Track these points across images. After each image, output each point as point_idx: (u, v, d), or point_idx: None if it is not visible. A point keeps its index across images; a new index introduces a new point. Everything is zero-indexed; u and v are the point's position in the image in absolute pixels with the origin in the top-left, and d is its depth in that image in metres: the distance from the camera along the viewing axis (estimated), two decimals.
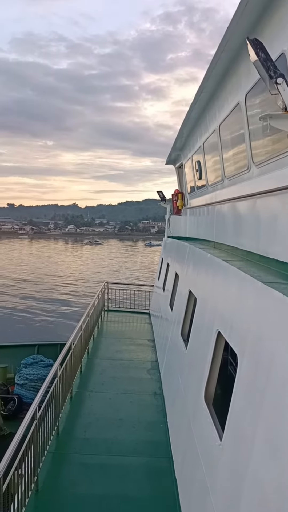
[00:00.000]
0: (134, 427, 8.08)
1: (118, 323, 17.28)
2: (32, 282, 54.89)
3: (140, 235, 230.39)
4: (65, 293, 46.64)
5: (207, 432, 4.84)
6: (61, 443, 7.43)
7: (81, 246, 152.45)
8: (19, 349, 16.31)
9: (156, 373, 10.93)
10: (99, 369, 11.24)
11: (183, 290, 9.37)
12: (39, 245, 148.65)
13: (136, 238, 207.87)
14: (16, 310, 37.57)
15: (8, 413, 12.60)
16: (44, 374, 13.23)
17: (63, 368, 8.26)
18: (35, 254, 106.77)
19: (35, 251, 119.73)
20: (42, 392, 6.82)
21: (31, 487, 5.90)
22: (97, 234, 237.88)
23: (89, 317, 12.72)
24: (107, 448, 7.29)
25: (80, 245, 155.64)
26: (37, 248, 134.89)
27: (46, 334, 27.64)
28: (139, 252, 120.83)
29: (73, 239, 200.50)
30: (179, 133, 11.62)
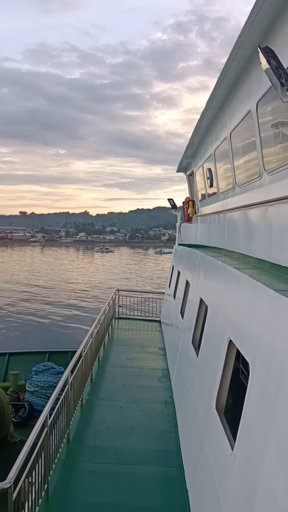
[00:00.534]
0: (145, 435, 8.02)
1: (128, 330, 17.24)
2: (43, 289, 55.16)
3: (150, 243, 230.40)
4: (76, 301, 46.76)
5: (218, 441, 4.79)
6: (72, 451, 7.41)
7: (92, 253, 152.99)
8: (30, 356, 16.36)
9: (167, 381, 10.86)
10: (110, 377, 11.21)
11: (194, 298, 9.33)
12: (51, 253, 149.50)
13: (147, 246, 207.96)
14: (28, 317, 37.76)
15: (19, 420, 12.62)
16: (55, 382, 13.24)
17: (74, 376, 8.26)
18: (46, 261, 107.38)
19: (47, 258, 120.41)
20: (53, 399, 6.81)
21: (41, 495, 5.88)
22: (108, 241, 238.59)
23: (100, 324, 12.72)
24: (118, 456, 7.25)
25: (91, 253, 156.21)
26: (48, 255, 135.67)
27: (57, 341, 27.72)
28: (149, 259, 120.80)
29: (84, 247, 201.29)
30: (190, 141, 11.65)
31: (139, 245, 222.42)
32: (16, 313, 39.53)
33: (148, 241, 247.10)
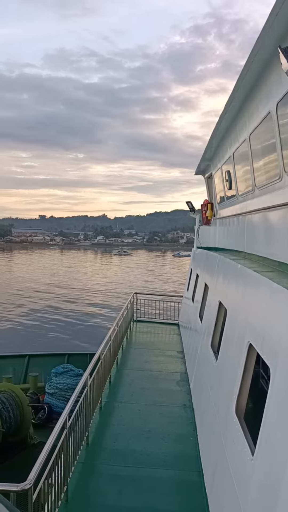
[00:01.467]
0: (164, 439, 7.99)
1: (147, 333, 17.23)
2: (61, 291, 55.61)
3: (168, 246, 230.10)
4: (94, 303, 47.00)
5: (238, 446, 4.73)
6: (91, 453, 7.43)
7: (110, 256, 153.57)
8: (49, 358, 16.51)
9: (185, 385, 10.81)
10: (128, 380, 11.21)
11: (213, 301, 9.28)
12: (69, 256, 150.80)
13: (165, 249, 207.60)
14: (47, 319, 38.11)
15: (39, 422, 12.75)
16: (73, 384, 13.33)
17: (93, 378, 8.29)
18: (65, 264, 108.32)
19: (65, 261, 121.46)
20: (72, 401, 6.85)
21: (61, 497, 5.91)
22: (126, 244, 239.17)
23: (118, 327, 12.74)
24: (136, 459, 7.24)
25: (109, 256, 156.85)
26: (67, 258, 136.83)
27: (75, 344, 27.91)
28: (167, 262, 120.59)
29: (102, 250, 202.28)
30: (209, 144, 11.60)
31: (157, 248, 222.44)
32: (36, 315, 39.94)
33: (166, 244, 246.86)
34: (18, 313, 40.61)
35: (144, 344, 15.57)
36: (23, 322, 36.92)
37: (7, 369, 15.63)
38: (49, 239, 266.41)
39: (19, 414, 11.37)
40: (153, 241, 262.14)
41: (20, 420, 11.40)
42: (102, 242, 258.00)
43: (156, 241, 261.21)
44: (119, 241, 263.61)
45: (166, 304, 19.60)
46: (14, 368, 15.86)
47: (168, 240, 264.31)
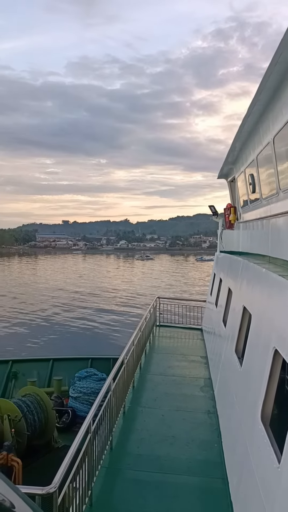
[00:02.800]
0: (188, 445, 7.92)
1: (170, 338, 17.16)
2: (85, 295, 56.04)
3: (191, 250, 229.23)
4: (117, 308, 47.16)
5: (264, 453, 4.65)
6: (115, 458, 7.43)
7: (132, 261, 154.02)
8: (73, 362, 16.63)
9: (209, 390, 10.70)
10: (152, 385, 11.18)
11: (237, 306, 9.17)
12: (92, 260, 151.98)
13: (187, 253, 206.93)
14: (71, 323, 38.44)
15: (63, 425, 12.83)
16: (97, 388, 13.38)
17: (116, 383, 8.30)
18: (88, 268, 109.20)
19: (88, 265, 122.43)
20: (96, 405, 6.87)
21: (85, 501, 5.92)
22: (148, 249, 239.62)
23: (141, 332, 12.73)
24: (160, 465, 7.20)
25: (131, 260, 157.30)
26: (90, 263, 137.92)
27: (98, 348, 28.03)
28: (190, 267, 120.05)
29: (124, 254, 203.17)
30: (231, 147, 11.52)
31: (179, 252, 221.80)
32: (59, 319, 40.36)
33: (189, 248, 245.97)
34: (42, 317, 41.11)
35: (167, 349, 15.51)
36: (47, 326, 37.35)
37: (31, 373, 15.83)
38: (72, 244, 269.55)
39: (43, 417, 11.48)
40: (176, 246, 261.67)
41: (44, 424, 11.51)
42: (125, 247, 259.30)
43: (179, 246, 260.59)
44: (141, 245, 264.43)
45: (189, 308, 19.49)
46: (38, 372, 16.05)
47: (191, 245, 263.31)
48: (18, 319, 40.00)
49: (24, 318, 40.47)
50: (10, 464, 9.42)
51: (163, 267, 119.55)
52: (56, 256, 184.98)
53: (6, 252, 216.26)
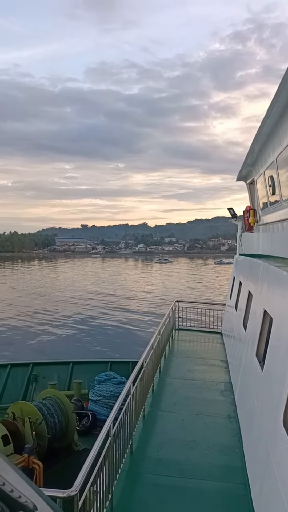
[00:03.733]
0: (208, 450, 7.85)
1: (189, 342, 17.07)
2: (104, 298, 56.28)
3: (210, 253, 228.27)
4: (136, 311, 47.19)
5: (286, 459, 4.57)
6: (135, 461, 7.42)
7: (150, 264, 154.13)
8: (92, 365, 16.71)
9: (230, 395, 10.59)
10: (171, 389, 11.13)
11: (257, 309, 9.07)
12: (111, 264, 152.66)
13: (206, 256, 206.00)
14: (91, 326, 38.65)
15: (83, 428, 12.88)
16: (117, 391, 13.40)
17: (136, 386, 8.29)
18: (107, 272, 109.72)
19: (107, 268, 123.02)
20: (116, 409, 6.87)
21: (105, 505, 5.92)
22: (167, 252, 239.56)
23: (160, 335, 12.70)
24: (181, 470, 7.15)
25: (149, 264, 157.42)
26: (108, 266, 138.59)
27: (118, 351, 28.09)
28: (209, 270, 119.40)
29: (143, 258, 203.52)
30: (251, 149, 11.43)
31: (198, 255, 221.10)
32: (79, 322, 40.62)
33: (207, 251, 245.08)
34: (62, 320, 41.44)
35: (186, 352, 15.43)
36: (67, 329, 37.63)
37: (52, 376, 15.96)
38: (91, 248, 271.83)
39: (64, 420, 11.54)
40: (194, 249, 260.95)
41: (65, 427, 11.57)
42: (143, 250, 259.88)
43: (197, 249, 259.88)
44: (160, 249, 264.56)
45: (208, 312, 19.36)
46: (58, 375, 16.17)
47: (209, 248, 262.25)
48: (38, 321, 40.41)
49: (43, 320, 40.87)
50: (31, 466, 9.51)
51: (182, 270, 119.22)
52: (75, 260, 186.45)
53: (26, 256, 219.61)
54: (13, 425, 10.40)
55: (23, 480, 1.04)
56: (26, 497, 1.05)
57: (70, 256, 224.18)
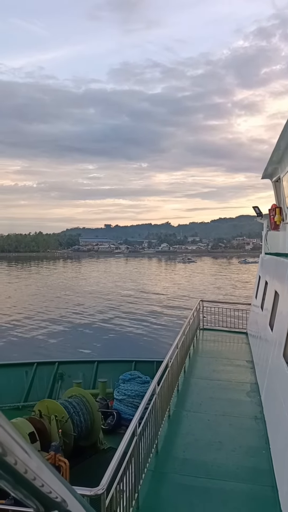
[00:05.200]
0: (234, 451, 7.76)
1: (214, 342, 16.94)
2: (128, 298, 56.45)
3: (234, 252, 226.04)
4: (160, 311, 47.14)
5: None
6: (161, 461, 7.40)
7: (174, 264, 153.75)
8: (117, 364, 16.77)
9: (256, 396, 10.45)
10: (196, 389, 11.06)
11: (284, 309, 8.91)
12: (134, 263, 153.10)
13: (230, 256, 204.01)
14: (115, 325, 38.84)
15: (108, 427, 12.94)
16: (141, 391, 13.42)
17: (161, 386, 8.27)
18: (130, 271, 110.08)
19: (130, 268, 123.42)
20: (142, 408, 6.87)
21: (132, 504, 5.92)
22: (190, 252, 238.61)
23: (185, 335, 12.64)
24: (207, 471, 7.09)
25: (173, 263, 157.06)
26: (132, 265, 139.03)
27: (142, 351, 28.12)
28: (233, 269, 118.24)
29: (166, 257, 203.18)
30: (276, 146, 11.25)
31: (222, 254, 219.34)
32: (103, 321, 40.87)
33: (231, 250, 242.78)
34: (85, 319, 41.80)
35: (211, 352, 15.31)
36: (90, 328, 37.92)
37: (77, 374, 16.11)
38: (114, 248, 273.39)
39: (89, 419, 11.63)
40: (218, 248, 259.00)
41: (90, 425, 11.65)
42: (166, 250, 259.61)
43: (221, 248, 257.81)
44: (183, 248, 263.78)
45: (233, 312, 19.15)
46: (83, 374, 16.31)
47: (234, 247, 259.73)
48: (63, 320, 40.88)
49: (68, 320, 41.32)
50: (57, 464, 9.61)
51: (206, 269, 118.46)
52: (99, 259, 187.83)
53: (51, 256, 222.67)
54: (40, 422, 10.55)
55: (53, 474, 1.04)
56: (56, 492, 1.05)
57: (94, 255, 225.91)
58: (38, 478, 0.93)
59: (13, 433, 0.80)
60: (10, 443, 0.78)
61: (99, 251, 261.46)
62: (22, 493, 0.94)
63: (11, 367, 16.82)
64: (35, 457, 0.90)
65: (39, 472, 0.93)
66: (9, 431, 0.78)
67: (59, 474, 1.09)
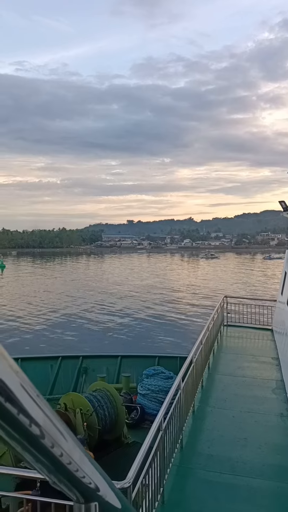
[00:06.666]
0: (260, 448, 7.68)
1: (238, 338, 16.79)
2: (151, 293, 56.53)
3: (258, 248, 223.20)
4: (183, 307, 47.04)
5: None
6: (185, 457, 7.39)
7: (196, 260, 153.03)
8: (140, 359, 16.83)
9: (282, 393, 10.31)
10: (221, 385, 10.99)
11: None
12: (157, 259, 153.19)
13: (254, 251, 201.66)
14: (138, 321, 38.99)
15: (132, 422, 13.02)
16: (164, 386, 13.43)
17: (186, 382, 8.25)
18: (153, 267, 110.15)
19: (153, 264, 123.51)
20: (167, 403, 6.87)
21: (157, 498, 5.94)
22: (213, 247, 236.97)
23: (209, 331, 12.57)
24: (232, 467, 7.04)
25: (195, 259, 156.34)
26: (154, 261, 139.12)
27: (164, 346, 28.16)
28: (257, 265, 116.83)
29: (189, 253, 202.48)
30: None
31: (245, 250, 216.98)
32: (126, 316, 41.07)
33: (256, 246, 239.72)
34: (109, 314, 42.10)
35: (235, 349, 15.19)
36: (114, 323, 38.17)
37: (101, 369, 16.25)
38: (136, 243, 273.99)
39: (113, 413, 11.70)
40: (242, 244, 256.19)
41: (115, 419, 11.73)
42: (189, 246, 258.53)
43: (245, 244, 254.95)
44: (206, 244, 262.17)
45: (258, 308, 18.92)
46: (107, 368, 16.44)
47: (258, 242, 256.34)
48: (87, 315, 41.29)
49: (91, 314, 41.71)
50: None
51: (229, 265, 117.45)
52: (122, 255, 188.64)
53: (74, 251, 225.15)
54: (65, 415, 10.68)
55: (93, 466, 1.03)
56: (96, 484, 1.05)
57: (116, 251, 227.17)
58: (80, 470, 0.92)
59: (59, 425, 0.80)
60: (56, 434, 0.78)
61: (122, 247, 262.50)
62: (64, 484, 0.94)
63: (37, 360, 17.11)
64: (77, 449, 0.90)
65: (81, 463, 0.93)
66: (56, 423, 0.78)
67: (99, 466, 1.08)
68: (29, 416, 0.69)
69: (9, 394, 0.63)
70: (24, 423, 0.69)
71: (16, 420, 0.67)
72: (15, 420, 0.67)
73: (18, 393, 0.65)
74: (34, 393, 0.70)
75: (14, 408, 0.65)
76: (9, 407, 0.64)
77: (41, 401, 0.72)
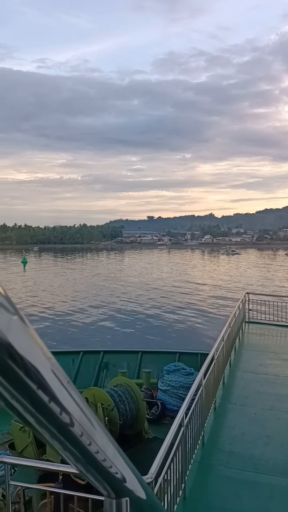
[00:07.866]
0: (283, 446, 7.60)
1: (260, 335, 16.62)
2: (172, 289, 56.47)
3: (280, 244, 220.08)
4: (204, 303, 46.84)
5: None
6: (207, 453, 7.38)
7: (217, 256, 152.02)
8: (161, 355, 16.85)
9: None
10: (242, 382, 10.91)
11: None
12: (177, 255, 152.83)
13: (276, 248, 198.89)
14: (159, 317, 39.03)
15: (152, 417, 13.05)
16: (185, 382, 13.40)
17: (207, 378, 8.22)
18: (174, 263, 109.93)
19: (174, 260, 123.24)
20: (189, 400, 6.86)
21: (179, 494, 5.95)
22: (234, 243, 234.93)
23: (231, 328, 12.48)
24: (254, 464, 6.99)
25: (216, 255, 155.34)
26: (175, 257, 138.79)
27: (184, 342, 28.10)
28: (280, 262, 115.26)
29: (209, 249, 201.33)
30: None
31: (267, 246, 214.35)
32: (146, 312, 41.15)
33: (278, 242, 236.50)
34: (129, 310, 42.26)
35: (257, 346, 15.04)
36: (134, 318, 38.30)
37: (121, 364, 16.32)
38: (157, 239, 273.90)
39: (134, 408, 11.74)
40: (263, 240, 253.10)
41: (135, 414, 11.76)
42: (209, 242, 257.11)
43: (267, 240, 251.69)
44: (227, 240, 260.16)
45: (280, 305, 18.67)
46: (128, 363, 16.50)
47: (280, 238, 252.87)
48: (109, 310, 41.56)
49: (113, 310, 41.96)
50: None
51: (250, 261, 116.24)
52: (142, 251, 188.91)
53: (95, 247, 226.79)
54: None
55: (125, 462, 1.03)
56: (127, 480, 1.05)
57: (137, 247, 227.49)
58: (113, 466, 0.92)
59: (95, 422, 0.80)
60: (93, 432, 0.78)
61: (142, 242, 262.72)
62: (97, 480, 0.94)
63: (58, 355, 17.28)
64: (111, 445, 0.90)
65: (114, 459, 0.93)
66: (92, 420, 0.78)
67: (131, 462, 1.08)
68: (60, 404, 0.66)
69: (41, 382, 0.60)
70: (55, 411, 0.66)
71: (47, 408, 0.65)
72: (46, 408, 0.65)
73: (50, 380, 0.62)
74: (65, 380, 0.68)
75: (45, 396, 0.63)
76: (41, 394, 0.62)
77: (71, 388, 0.70)
